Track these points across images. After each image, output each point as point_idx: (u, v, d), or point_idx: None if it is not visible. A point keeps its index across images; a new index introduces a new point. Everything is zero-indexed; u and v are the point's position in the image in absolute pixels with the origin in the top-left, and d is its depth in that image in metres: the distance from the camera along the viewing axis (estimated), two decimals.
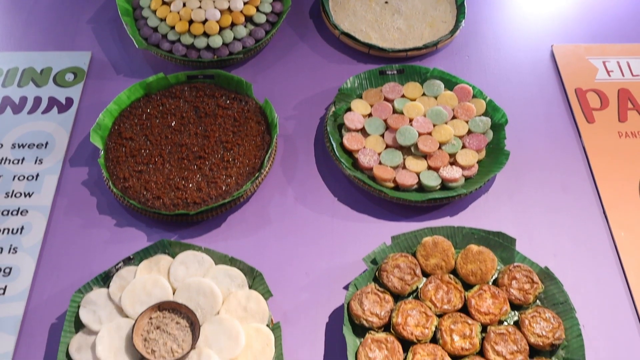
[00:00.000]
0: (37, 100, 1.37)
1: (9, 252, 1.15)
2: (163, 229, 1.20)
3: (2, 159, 1.27)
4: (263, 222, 1.21)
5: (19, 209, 1.20)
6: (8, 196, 1.22)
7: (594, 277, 1.15)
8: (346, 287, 1.13)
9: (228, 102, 1.33)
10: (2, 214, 1.19)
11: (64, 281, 1.13)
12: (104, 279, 1.08)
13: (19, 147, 1.29)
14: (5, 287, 1.11)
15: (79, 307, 1.05)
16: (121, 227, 1.20)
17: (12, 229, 1.17)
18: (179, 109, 1.33)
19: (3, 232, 1.17)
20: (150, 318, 1.03)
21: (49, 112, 1.35)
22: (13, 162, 1.27)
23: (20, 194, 1.22)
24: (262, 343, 1.01)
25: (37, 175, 1.25)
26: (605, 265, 1.16)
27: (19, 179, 1.24)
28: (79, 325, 1.04)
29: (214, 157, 1.25)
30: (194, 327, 1.02)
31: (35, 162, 1.27)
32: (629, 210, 1.22)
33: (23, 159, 1.27)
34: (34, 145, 1.29)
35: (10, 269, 1.13)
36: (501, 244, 1.11)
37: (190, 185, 1.21)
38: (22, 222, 1.19)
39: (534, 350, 1.02)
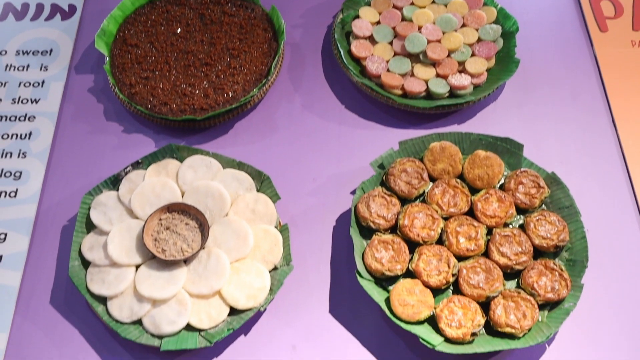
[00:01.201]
0: (40, 7, 1.35)
1: (19, 156, 1.16)
2: (170, 136, 1.20)
3: (7, 65, 1.26)
4: (270, 129, 1.21)
5: (26, 114, 1.20)
6: (15, 102, 1.21)
7: (601, 184, 1.15)
8: (353, 192, 1.13)
9: (234, 9, 1.31)
10: (10, 119, 1.19)
11: (74, 185, 1.14)
12: (113, 182, 1.09)
13: (23, 54, 1.28)
14: (17, 190, 1.12)
15: (89, 209, 1.06)
16: (128, 133, 1.20)
17: (21, 134, 1.18)
18: (184, 16, 1.30)
19: (12, 137, 1.17)
20: (160, 219, 1.04)
21: (52, 19, 1.33)
22: (18, 69, 1.26)
23: (27, 101, 1.22)
24: (270, 243, 1.03)
25: (43, 82, 1.24)
26: (612, 173, 1.17)
27: (24, 85, 1.24)
28: (90, 227, 1.06)
29: (221, 64, 1.23)
30: (203, 228, 1.03)
31: (41, 69, 1.26)
32: (639, 120, 1.21)
33: (28, 66, 1.26)
34: (38, 52, 1.28)
35: (21, 173, 1.14)
36: (508, 150, 1.11)
37: (197, 91, 1.20)
38: (30, 127, 1.19)
39: (538, 251, 1.04)
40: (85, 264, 1.02)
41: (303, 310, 1.03)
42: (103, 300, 1.00)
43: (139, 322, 0.98)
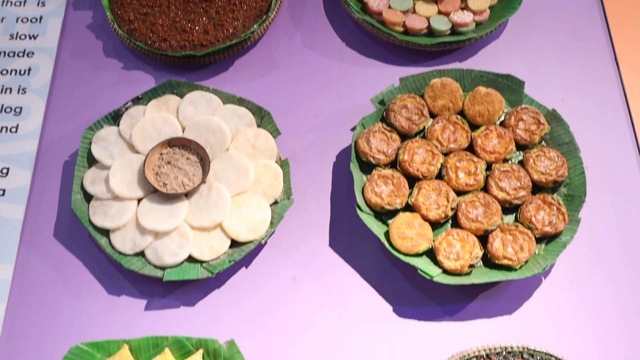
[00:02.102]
0: None
1: (18, 92, 1.15)
2: (170, 72, 1.19)
3: (4, 0, 1.24)
4: (271, 66, 1.20)
5: (24, 51, 1.19)
6: (13, 38, 1.20)
7: (601, 122, 1.15)
8: (353, 129, 1.14)
9: None
10: (8, 55, 1.19)
11: (74, 121, 1.14)
12: (114, 118, 1.09)
13: None
14: (17, 125, 1.12)
15: (90, 143, 1.07)
16: (128, 69, 1.19)
17: (20, 70, 1.17)
18: None
19: (11, 73, 1.17)
20: (161, 154, 1.05)
21: None
22: (15, 4, 1.24)
23: (25, 36, 1.21)
24: (270, 178, 1.04)
25: (41, 17, 1.23)
26: (613, 111, 1.17)
27: (22, 21, 1.22)
28: (91, 161, 1.07)
29: (220, 0, 1.22)
30: (204, 162, 1.04)
31: (38, 5, 1.24)
32: None
33: (25, 1, 1.25)
34: None
35: (21, 108, 1.14)
36: (509, 87, 1.11)
37: (197, 27, 1.19)
38: (29, 63, 1.18)
39: (536, 187, 1.04)
40: (88, 197, 1.03)
41: (303, 244, 1.04)
42: (106, 232, 1.01)
43: (141, 254, 0.99)
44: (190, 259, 0.99)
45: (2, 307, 0.98)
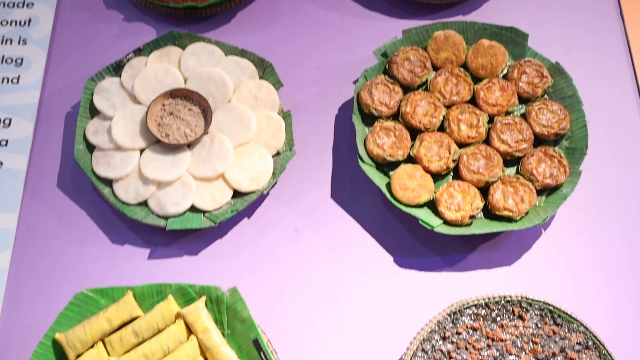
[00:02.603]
0: None
1: (19, 43, 1.15)
2: (171, 24, 1.18)
3: None
4: (273, 18, 1.19)
5: (24, 1, 1.18)
6: None
7: (605, 76, 1.15)
8: (356, 82, 1.13)
9: None
10: (8, 5, 1.18)
11: (76, 72, 1.14)
12: (115, 69, 1.09)
13: None
14: (19, 76, 1.12)
15: (92, 94, 1.07)
16: (129, 21, 1.19)
17: (20, 21, 1.16)
18: None
19: (11, 24, 1.16)
20: (163, 105, 1.05)
21: None
22: None
23: None
24: (273, 129, 1.04)
25: None
26: (617, 65, 1.16)
27: None
28: (93, 112, 1.07)
29: None
30: (206, 113, 1.04)
31: None
32: None
33: None
34: None
35: (22, 59, 1.13)
36: (513, 40, 1.10)
37: None
38: (29, 14, 1.17)
39: (538, 140, 1.04)
40: (90, 148, 1.04)
41: (305, 195, 1.05)
42: (109, 182, 1.01)
43: (144, 203, 1.00)
44: (193, 209, 1.00)
45: (8, 254, 0.99)
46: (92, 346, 0.90)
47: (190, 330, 0.91)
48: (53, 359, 0.91)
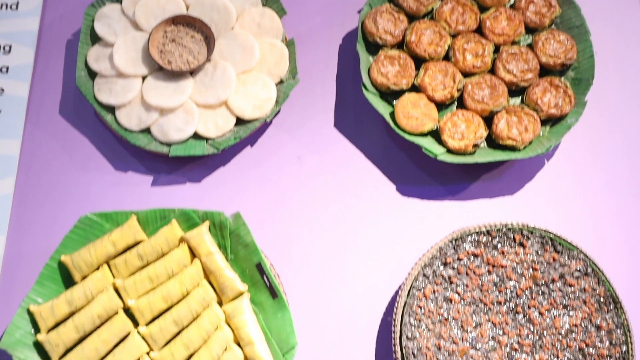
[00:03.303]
0: None
1: None
2: None
3: None
4: None
5: None
6: None
7: (614, 6, 1.13)
8: (360, 11, 1.11)
9: None
10: None
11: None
12: None
13: None
14: (17, 2, 1.10)
15: (93, 21, 1.05)
16: None
17: None
18: None
19: None
20: (165, 31, 1.03)
21: None
22: None
23: None
24: (276, 57, 1.03)
25: None
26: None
27: None
28: (94, 39, 1.05)
29: None
30: (209, 40, 1.03)
31: None
32: None
33: None
34: None
35: None
36: None
37: None
38: None
39: (544, 70, 1.03)
40: (92, 75, 1.03)
41: (308, 124, 1.04)
42: (111, 109, 1.01)
43: (147, 130, 1.00)
44: (196, 136, 1.00)
45: (12, 180, 1.00)
46: (97, 268, 0.92)
47: (193, 254, 0.92)
48: (59, 281, 0.92)
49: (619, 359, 0.89)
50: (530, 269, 0.92)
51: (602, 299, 0.91)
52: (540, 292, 0.91)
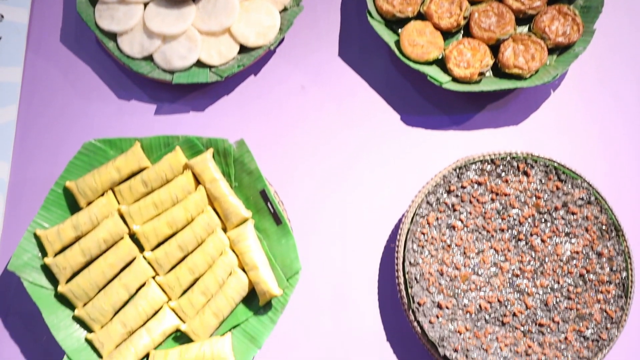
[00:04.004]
0: None
1: None
2: None
3: None
4: None
5: None
6: None
7: None
8: None
9: None
10: None
11: None
12: None
13: None
14: None
15: None
16: None
17: None
18: None
19: None
20: None
21: None
22: None
23: None
24: None
25: None
26: None
27: None
28: None
29: None
30: None
31: None
32: None
33: None
34: None
35: None
36: None
37: None
38: None
39: None
40: (93, 1, 1.01)
41: (312, 53, 1.03)
42: (113, 36, 1.00)
43: (150, 58, 0.99)
44: (199, 64, 0.99)
45: (14, 108, 0.99)
46: (102, 194, 0.92)
47: (198, 181, 0.92)
48: (64, 206, 0.92)
49: (619, 285, 0.90)
50: (534, 197, 0.92)
51: (604, 227, 0.91)
52: (543, 220, 0.92)
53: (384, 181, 0.98)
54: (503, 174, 0.93)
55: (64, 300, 0.89)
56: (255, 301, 0.90)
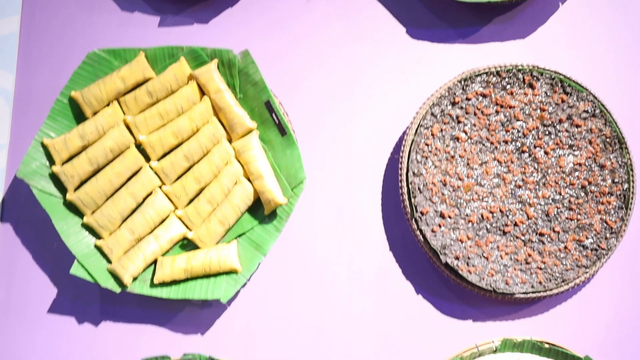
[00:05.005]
0: None
1: None
2: None
3: None
4: None
5: None
6: None
7: None
8: None
9: None
10: None
11: None
12: None
13: None
14: None
15: None
16: None
17: None
18: None
19: None
20: None
21: None
22: None
23: None
24: None
25: None
26: None
27: None
28: None
29: None
30: None
31: None
32: None
33: None
34: None
35: None
36: None
37: None
38: None
39: None
40: None
41: None
42: None
43: None
44: None
45: (17, 19, 0.99)
46: (108, 105, 0.92)
47: (203, 92, 0.93)
48: (70, 116, 0.93)
49: (620, 196, 0.91)
50: (538, 110, 0.92)
51: (607, 140, 0.92)
52: (547, 133, 0.92)
53: (389, 93, 0.97)
54: (508, 87, 0.93)
55: (72, 209, 0.91)
56: (260, 211, 0.91)
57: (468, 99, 0.92)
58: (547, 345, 0.87)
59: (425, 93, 0.97)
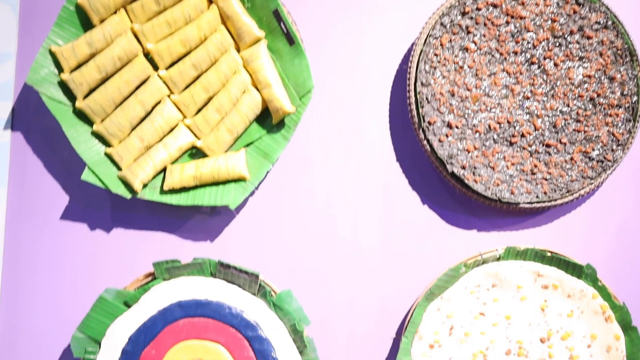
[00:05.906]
0: None
1: None
2: None
3: None
4: None
5: None
6: None
7: None
8: None
9: None
10: None
11: None
12: None
13: None
14: None
15: None
16: None
17: None
18: None
19: None
20: None
21: None
22: None
23: None
24: None
25: None
26: None
27: None
28: None
29: None
30: None
31: None
32: None
33: None
34: None
35: None
36: None
37: None
38: None
39: None
40: None
41: None
42: None
43: None
44: None
45: None
46: (115, 12, 0.92)
47: (210, 0, 0.92)
48: (78, 24, 0.92)
49: (629, 109, 0.91)
50: (549, 21, 0.91)
51: (618, 52, 0.91)
52: (557, 44, 0.91)
53: (399, 2, 0.96)
54: None
55: (82, 117, 0.92)
56: (268, 120, 0.92)
57: (478, 9, 0.91)
58: (549, 254, 0.89)
59: (435, 3, 0.96)
